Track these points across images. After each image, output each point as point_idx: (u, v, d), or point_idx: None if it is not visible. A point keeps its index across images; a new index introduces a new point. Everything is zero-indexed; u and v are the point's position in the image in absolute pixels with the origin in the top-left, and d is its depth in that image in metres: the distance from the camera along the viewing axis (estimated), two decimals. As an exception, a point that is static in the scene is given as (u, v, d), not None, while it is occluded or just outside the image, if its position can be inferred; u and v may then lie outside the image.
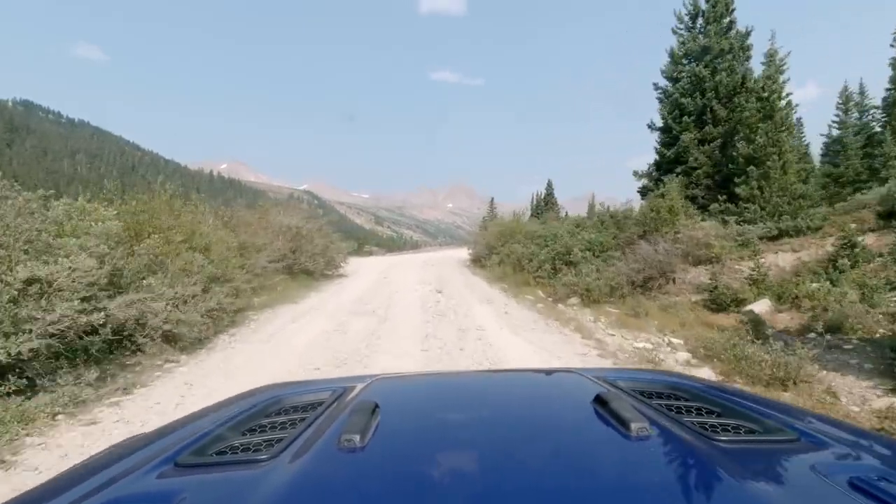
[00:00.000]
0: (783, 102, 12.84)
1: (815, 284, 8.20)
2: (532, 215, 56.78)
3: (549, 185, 54.03)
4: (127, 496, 0.65)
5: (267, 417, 0.95)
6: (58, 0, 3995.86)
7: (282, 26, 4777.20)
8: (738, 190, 12.59)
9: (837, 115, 22.41)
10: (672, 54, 16.83)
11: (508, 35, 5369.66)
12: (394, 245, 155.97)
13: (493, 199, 53.31)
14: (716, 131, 15.11)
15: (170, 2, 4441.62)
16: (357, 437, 0.70)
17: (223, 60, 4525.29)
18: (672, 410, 0.88)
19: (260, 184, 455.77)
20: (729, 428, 0.79)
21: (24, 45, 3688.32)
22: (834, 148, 21.58)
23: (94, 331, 4.81)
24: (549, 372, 1.53)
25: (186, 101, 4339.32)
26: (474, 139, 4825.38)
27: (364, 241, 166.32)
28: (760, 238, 11.27)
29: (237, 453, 0.76)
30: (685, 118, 15.74)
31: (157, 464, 0.74)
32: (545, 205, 53.34)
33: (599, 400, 0.86)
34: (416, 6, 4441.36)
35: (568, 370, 1.29)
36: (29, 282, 4.29)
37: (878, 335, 6.22)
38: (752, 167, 12.31)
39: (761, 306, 8.30)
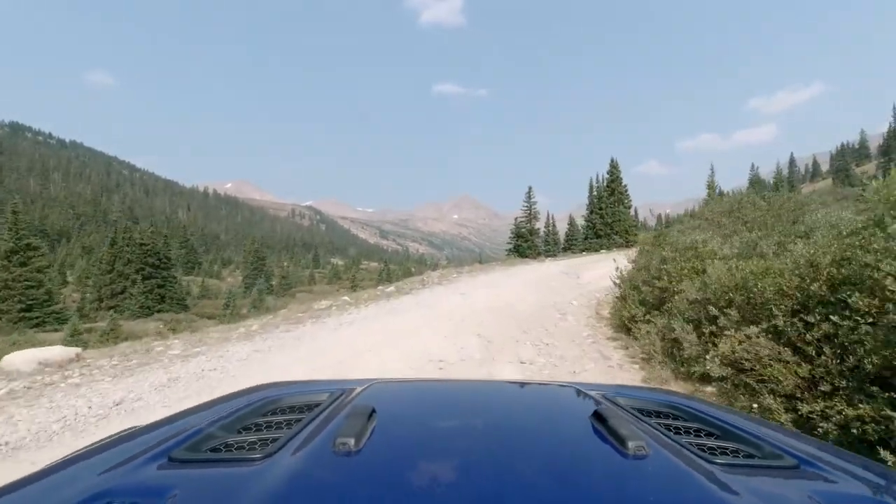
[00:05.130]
0: None
1: None
2: (592, 211, 42.62)
3: (614, 166, 39.31)
4: (120, 488, 0.65)
5: (263, 416, 0.94)
6: (67, 28, 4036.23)
7: (286, 46, 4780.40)
8: None
9: None
10: None
11: (510, 45, 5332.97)
12: (395, 262, 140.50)
13: (530, 187, 38.98)
14: None
15: (178, 27, 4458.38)
16: (352, 441, 0.71)
17: (229, 81, 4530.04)
18: (670, 430, 0.87)
19: (261, 201, 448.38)
20: (727, 451, 0.79)
21: (34, 71, 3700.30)
22: None
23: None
24: (548, 385, 1.43)
25: (192, 122, 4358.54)
26: (479, 150, 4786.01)
27: (361, 257, 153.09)
28: None
29: (231, 451, 0.76)
30: None
31: (150, 457, 0.74)
32: (609, 194, 38.99)
33: (597, 416, 0.85)
34: (416, 18, 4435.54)
35: (568, 384, 1.26)
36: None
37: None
38: None
39: None
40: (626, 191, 37.85)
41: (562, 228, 48.21)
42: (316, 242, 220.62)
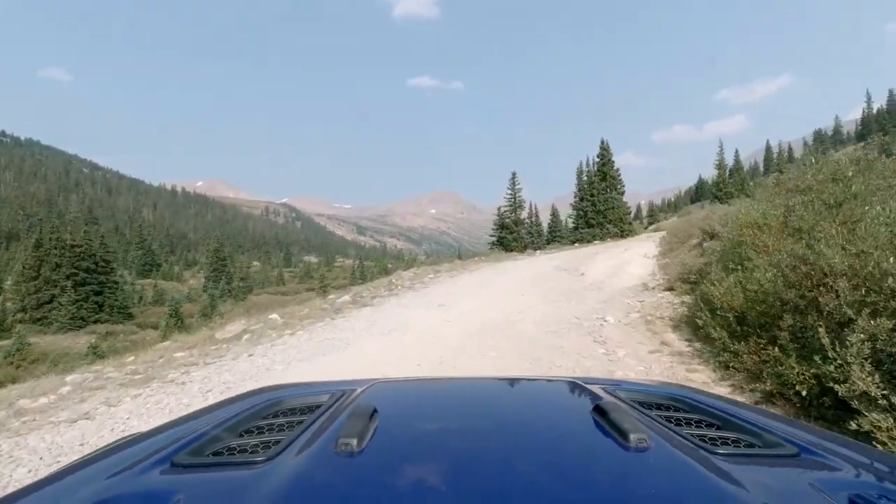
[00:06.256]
0: None
1: None
2: (583, 199, 36.07)
3: (605, 148, 35.36)
4: (123, 494, 0.66)
5: (265, 419, 0.95)
6: (25, 25, 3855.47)
7: (262, 43, 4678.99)
8: None
9: None
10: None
11: (484, 37, 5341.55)
12: (372, 258, 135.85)
13: (514, 173, 35.34)
14: None
15: (143, 25, 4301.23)
16: (354, 442, 0.71)
17: (203, 79, 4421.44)
18: (672, 422, 0.87)
19: (235, 199, 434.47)
20: (728, 441, 0.79)
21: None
22: None
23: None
24: (549, 380, 1.40)
25: (163, 121, 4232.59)
26: (456, 144, 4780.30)
27: (337, 254, 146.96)
28: None
29: (234, 454, 0.77)
30: None
31: (153, 462, 0.74)
32: (601, 179, 35.16)
33: (599, 410, 0.86)
34: (390, 12, 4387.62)
35: (569, 379, 1.24)
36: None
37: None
38: None
39: None
40: (618, 175, 34.51)
41: (544, 219, 45.19)
42: (290, 240, 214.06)
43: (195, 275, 75.75)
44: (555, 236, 41.63)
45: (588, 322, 6.74)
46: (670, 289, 9.37)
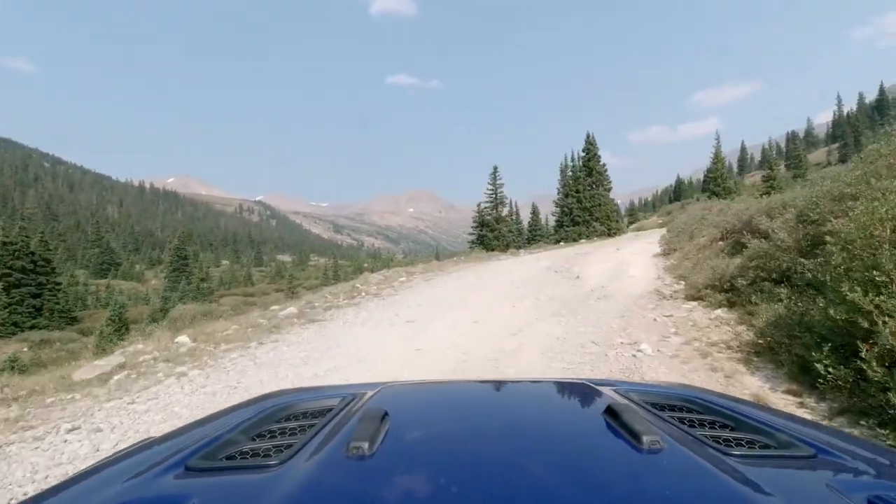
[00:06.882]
0: None
1: None
2: (568, 195, 33.09)
3: (591, 142, 33.39)
4: (138, 498, 0.66)
5: (276, 423, 0.95)
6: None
7: (239, 38, 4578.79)
8: None
9: None
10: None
11: (462, 36, 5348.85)
12: (349, 257, 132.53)
13: (495, 167, 33.21)
14: None
15: (111, 19, 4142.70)
16: (366, 445, 0.71)
17: (182, 76, 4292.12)
18: (685, 423, 0.87)
19: (207, 196, 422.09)
20: (743, 442, 0.78)
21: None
22: None
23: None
24: (560, 383, 1.40)
25: (138, 116, 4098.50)
26: (434, 143, 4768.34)
27: (312, 252, 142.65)
28: None
29: (247, 458, 0.77)
30: None
31: (167, 467, 0.74)
32: (587, 174, 33.32)
33: (611, 412, 0.85)
34: (367, 9, 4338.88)
35: (580, 381, 1.25)
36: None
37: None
38: None
39: None
40: (605, 171, 33.00)
41: (524, 218, 43.60)
42: (264, 238, 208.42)
43: (158, 275, 71.62)
44: (535, 235, 40.07)
45: (614, 351, 4.81)
46: (696, 298, 7.55)
